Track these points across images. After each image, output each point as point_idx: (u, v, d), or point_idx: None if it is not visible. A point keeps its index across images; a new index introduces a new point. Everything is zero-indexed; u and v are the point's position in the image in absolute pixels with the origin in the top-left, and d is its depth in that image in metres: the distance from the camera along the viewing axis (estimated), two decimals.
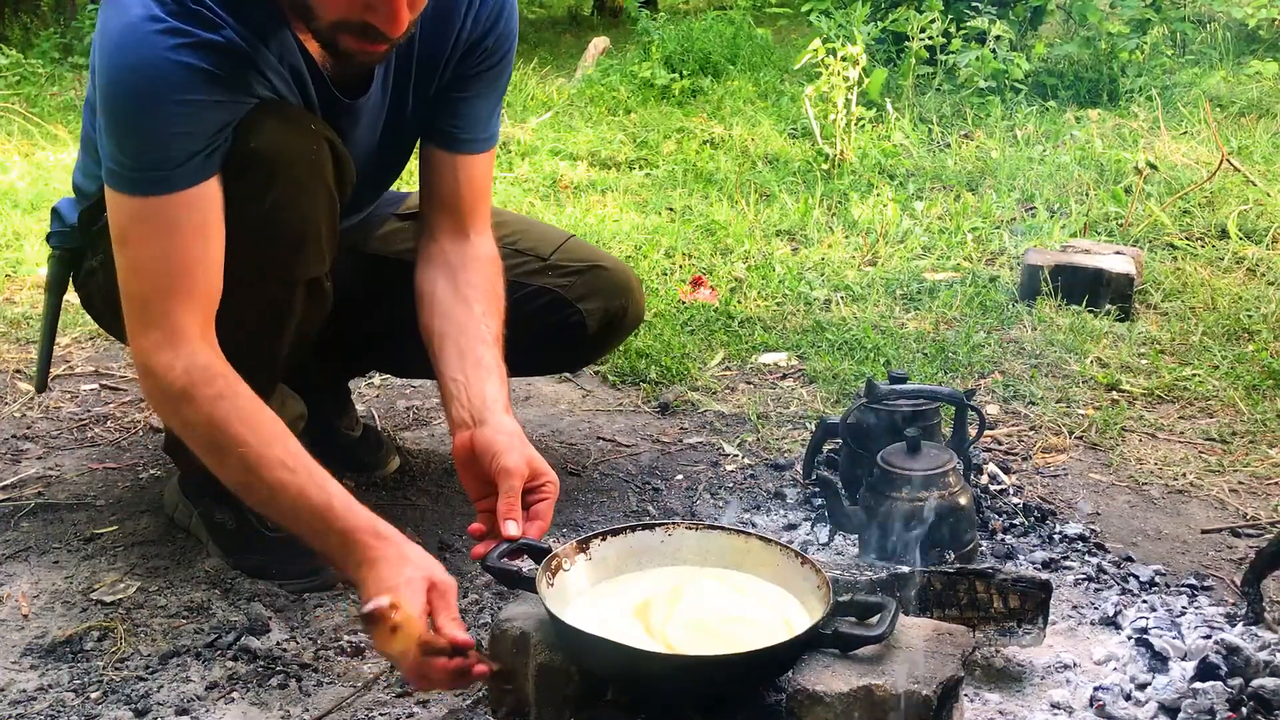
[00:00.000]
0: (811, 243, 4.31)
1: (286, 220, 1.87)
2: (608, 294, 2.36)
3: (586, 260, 2.37)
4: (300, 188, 1.86)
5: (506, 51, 2.09)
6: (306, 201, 1.88)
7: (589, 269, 2.36)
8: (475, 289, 2.06)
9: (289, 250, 1.91)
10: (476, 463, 1.88)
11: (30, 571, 2.15)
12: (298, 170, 1.85)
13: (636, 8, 10.18)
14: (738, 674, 1.61)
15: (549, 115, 6.67)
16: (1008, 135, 5.83)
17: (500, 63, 2.08)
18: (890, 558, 2.02)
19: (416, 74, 2.02)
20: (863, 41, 5.69)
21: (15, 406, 2.90)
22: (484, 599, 2.06)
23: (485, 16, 2.02)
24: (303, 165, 1.85)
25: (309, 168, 1.87)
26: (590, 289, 2.34)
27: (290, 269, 1.93)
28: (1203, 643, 1.82)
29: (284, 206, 1.85)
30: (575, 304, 2.33)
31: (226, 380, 1.76)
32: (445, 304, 2.04)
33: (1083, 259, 3.67)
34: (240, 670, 1.85)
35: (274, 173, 1.82)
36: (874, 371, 3.06)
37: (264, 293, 1.92)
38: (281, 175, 1.83)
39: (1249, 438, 2.78)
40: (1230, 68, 7.18)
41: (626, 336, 2.58)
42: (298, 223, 1.89)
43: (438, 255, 2.09)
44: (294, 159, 1.84)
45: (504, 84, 2.15)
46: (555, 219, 4.57)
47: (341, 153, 1.93)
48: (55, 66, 8.22)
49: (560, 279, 2.33)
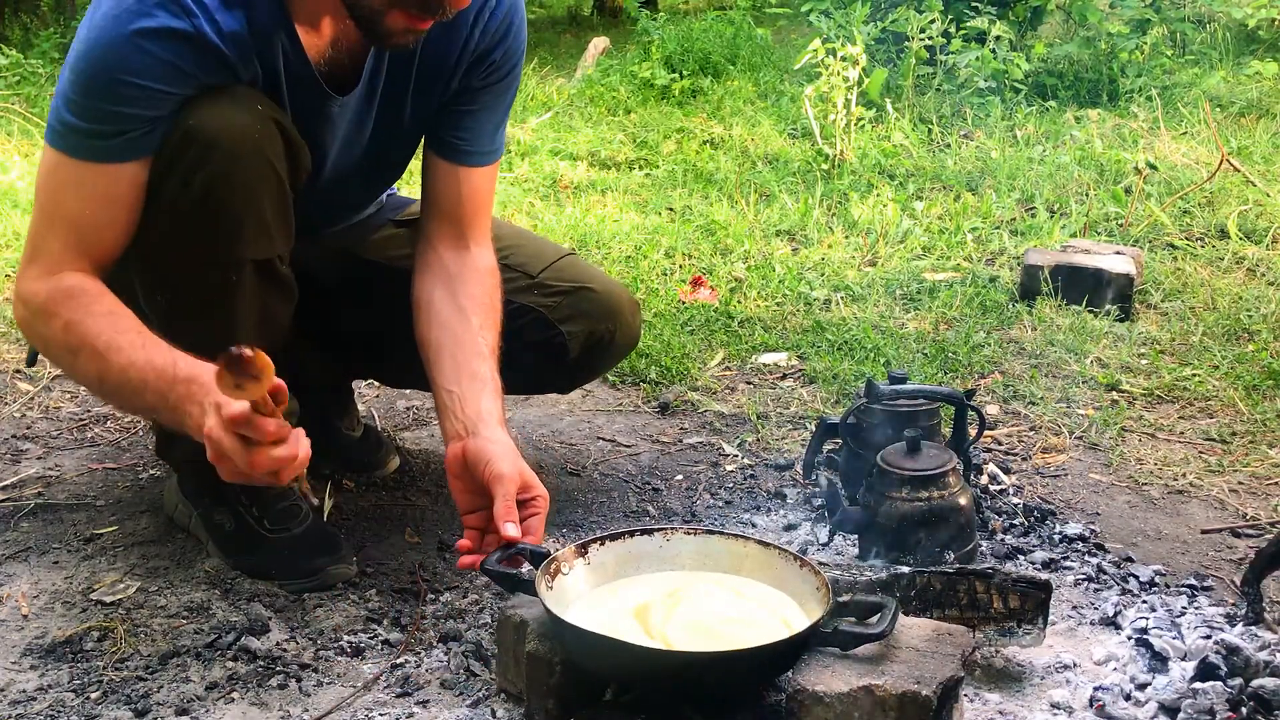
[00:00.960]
0: (811, 243, 4.31)
1: (224, 198, 1.84)
2: (594, 317, 2.29)
3: (575, 281, 2.30)
4: (239, 165, 1.83)
5: (514, 65, 2.08)
6: (246, 178, 1.85)
7: (576, 290, 2.28)
8: (473, 300, 2.05)
9: (229, 228, 1.87)
10: (469, 472, 1.88)
11: (30, 571, 2.15)
12: (238, 147, 1.82)
13: (636, 8, 10.19)
14: (737, 671, 1.61)
15: (549, 115, 6.67)
16: (1008, 135, 5.83)
17: (507, 77, 2.08)
18: (890, 558, 2.02)
19: (416, 80, 2.01)
20: (862, 41, 5.69)
21: (15, 406, 2.90)
22: (484, 599, 2.06)
23: (494, 29, 2.01)
24: (244, 143, 1.82)
25: (251, 145, 1.83)
26: (575, 310, 2.28)
27: (230, 247, 1.88)
28: (1203, 643, 1.82)
29: (222, 183, 1.83)
30: (558, 325, 2.26)
31: (90, 294, 1.81)
32: (443, 315, 2.04)
33: (1083, 259, 3.67)
34: (240, 670, 1.85)
35: (211, 150, 1.80)
36: (874, 371, 3.06)
37: (208, 274, 1.89)
38: (219, 152, 1.81)
39: (1249, 438, 2.78)
40: (1230, 68, 7.18)
41: (616, 361, 2.50)
42: (238, 201, 1.85)
43: (436, 265, 2.09)
44: (235, 137, 1.81)
45: (510, 98, 2.14)
46: (555, 219, 4.58)
47: (293, 137, 1.90)
48: (55, 66, 8.21)
49: (546, 298, 2.27)
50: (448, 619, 2.00)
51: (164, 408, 1.74)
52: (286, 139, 1.89)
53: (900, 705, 1.52)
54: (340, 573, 2.11)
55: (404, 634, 1.96)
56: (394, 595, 2.09)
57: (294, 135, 1.91)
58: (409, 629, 1.98)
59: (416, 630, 1.97)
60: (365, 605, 2.05)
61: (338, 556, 2.13)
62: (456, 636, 1.94)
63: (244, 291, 1.93)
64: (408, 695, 1.80)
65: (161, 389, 1.71)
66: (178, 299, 1.90)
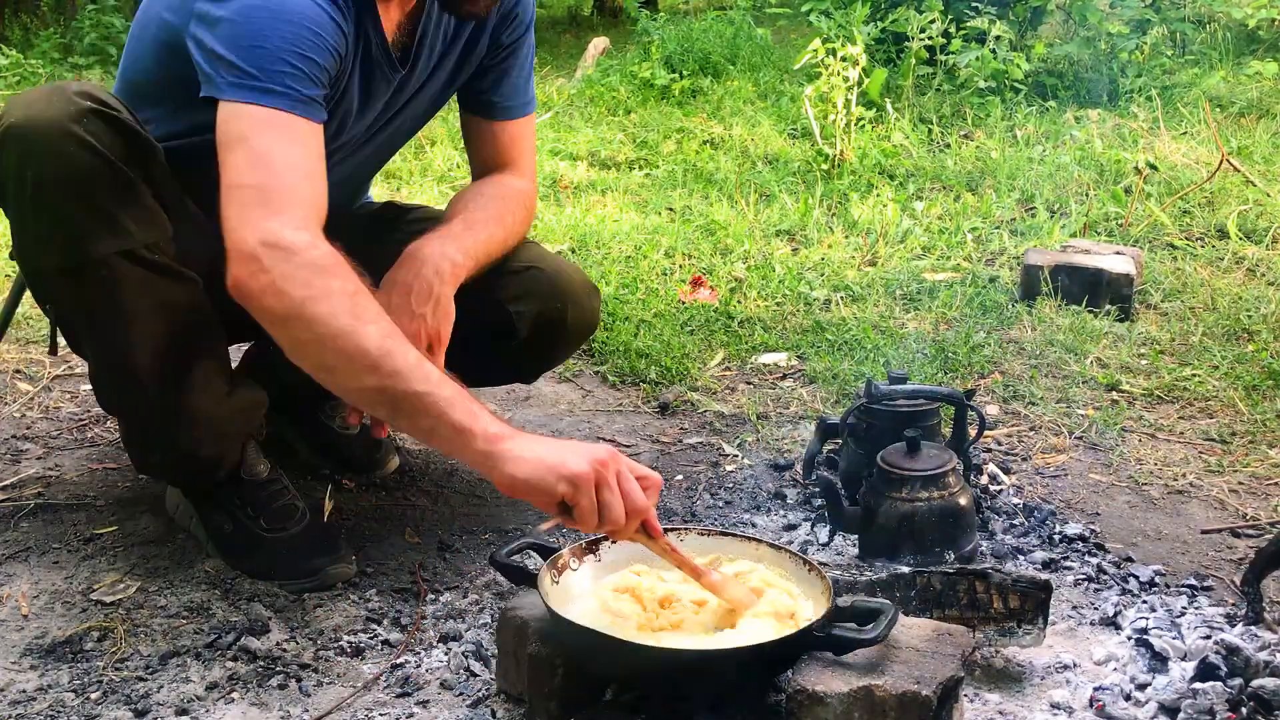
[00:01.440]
0: (811, 243, 4.31)
1: (56, 195, 1.82)
2: (542, 296, 2.24)
3: (526, 261, 2.27)
4: (60, 161, 1.79)
5: (530, 17, 2.21)
6: (69, 172, 1.80)
7: (525, 269, 2.25)
8: (483, 186, 2.22)
9: (75, 223, 1.84)
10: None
11: (30, 571, 2.15)
12: (56, 144, 1.79)
13: (636, 8, 10.18)
14: (729, 669, 1.62)
15: (549, 115, 6.67)
16: (1008, 135, 5.82)
17: (526, 29, 2.21)
18: (890, 558, 2.02)
19: (465, 44, 2.13)
20: (862, 41, 5.69)
21: (15, 406, 2.90)
22: (484, 599, 2.06)
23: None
24: (62, 138, 1.79)
25: (71, 140, 1.79)
26: (524, 290, 2.24)
27: (84, 243, 1.84)
28: (1203, 643, 1.82)
29: (48, 181, 1.81)
30: (506, 304, 2.23)
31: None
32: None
33: (1083, 259, 3.67)
34: (240, 670, 1.85)
35: (28, 150, 1.80)
36: (874, 371, 3.06)
37: (74, 278, 1.87)
38: (36, 151, 1.80)
39: (1249, 438, 2.78)
40: (1230, 68, 7.17)
41: (574, 345, 2.43)
42: (71, 197, 1.82)
43: None
44: (47, 134, 1.79)
45: (532, 48, 2.25)
46: (555, 219, 4.57)
47: (123, 120, 1.85)
48: (55, 67, 8.22)
49: (497, 279, 2.23)
50: (448, 619, 2.00)
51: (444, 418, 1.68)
52: (118, 127, 1.84)
53: (900, 705, 1.52)
54: (339, 572, 2.11)
55: (404, 634, 1.96)
56: (394, 595, 2.09)
57: (125, 118, 1.85)
58: (409, 629, 1.98)
59: (416, 630, 1.97)
60: (365, 605, 2.05)
61: (336, 556, 2.13)
62: (456, 636, 1.94)
63: (121, 288, 1.88)
64: (408, 695, 1.80)
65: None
66: (62, 308, 1.96)
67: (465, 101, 2.26)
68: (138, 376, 1.94)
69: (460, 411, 1.66)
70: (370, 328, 1.67)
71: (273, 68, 1.75)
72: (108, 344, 1.94)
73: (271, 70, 1.75)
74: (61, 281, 1.90)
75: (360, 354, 1.67)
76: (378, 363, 1.66)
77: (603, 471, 1.62)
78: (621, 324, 3.40)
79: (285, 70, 1.76)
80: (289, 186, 1.72)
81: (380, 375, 1.67)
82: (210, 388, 2.02)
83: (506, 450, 1.64)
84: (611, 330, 3.35)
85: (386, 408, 1.72)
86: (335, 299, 1.67)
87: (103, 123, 1.82)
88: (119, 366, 1.96)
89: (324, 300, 1.67)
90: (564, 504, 1.62)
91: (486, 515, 2.40)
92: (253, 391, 2.14)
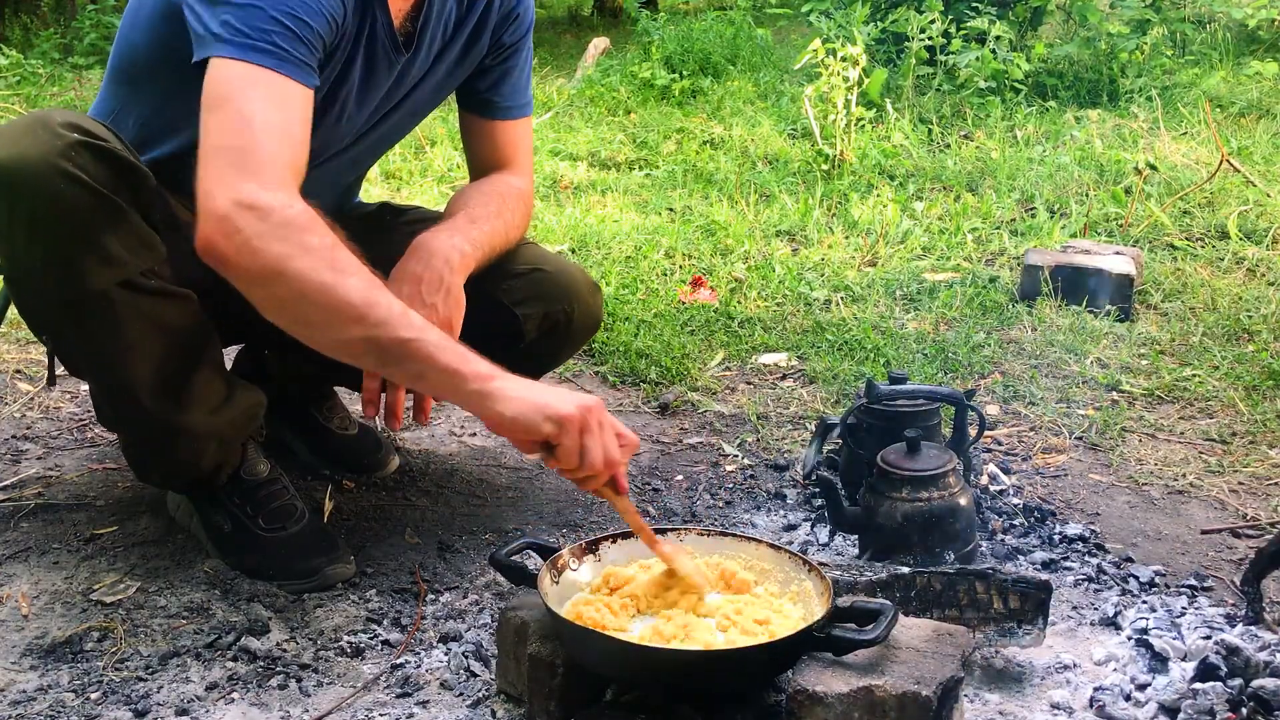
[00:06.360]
0: (811, 243, 4.31)
1: (49, 233, 1.80)
2: (548, 298, 2.26)
3: (530, 263, 2.28)
4: (50, 200, 1.77)
5: (530, 20, 2.24)
6: (60, 211, 1.78)
7: (530, 272, 2.26)
8: (482, 185, 2.24)
9: (70, 259, 1.82)
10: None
11: (30, 571, 2.15)
12: (46, 182, 1.76)
13: (636, 8, 10.19)
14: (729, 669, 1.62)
15: (549, 115, 6.67)
16: (1008, 135, 5.83)
17: (527, 31, 2.24)
18: (890, 558, 2.02)
19: (466, 39, 2.14)
20: (862, 42, 5.69)
21: (15, 406, 2.90)
22: (484, 599, 2.06)
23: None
24: (51, 176, 1.76)
25: (60, 177, 1.76)
26: (530, 292, 2.24)
27: (82, 279, 1.82)
28: (1203, 643, 1.82)
29: (40, 220, 1.79)
30: (512, 308, 2.23)
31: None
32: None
33: (1083, 259, 3.67)
34: (240, 670, 1.85)
35: (17, 190, 1.77)
36: (874, 371, 3.06)
37: (80, 311, 1.86)
38: (26, 191, 1.77)
39: (1249, 438, 2.78)
40: (1230, 68, 7.18)
41: (578, 344, 2.43)
42: (64, 234, 1.80)
43: None
44: (36, 172, 1.76)
45: (530, 49, 2.27)
46: (555, 219, 4.57)
47: (113, 149, 1.82)
48: (55, 67, 8.22)
49: (501, 282, 2.23)
50: (448, 619, 2.00)
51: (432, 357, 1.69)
52: (102, 152, 1.81)
53: (900, 705, 1.52)
54: (338, 572, 2.11)
55: (404, 634, 1.96)
56: (394, 595, 2.09)
57: (112, 146, 1.82)
58: (409, 629, 1.98)
59: (416, 630, 1.97)
60: (365, 605, 2.05)
61: (335, 556, 2.13)
62: (456, 637, 1.94)
63: (119, 315, 1.87)
64: (408, 695, 1.80)
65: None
66: (60, 339, 1.96)
67: (465, 101, 2.27)
68: (137, 397, 1.94)
69: (449, 354, 1.68)
70: (352, 279, 1.67)
71: (263, 25, 1.74)
72: (107, 369, 1.94)
73: (262, 28, 1.74)
74: (59, 315, 1.89)
75: (345, 306, 1.66)
76: (363, 313, 1.66)
77: (588, 417, 1.66)
78: (621, 324, 3.40)
79: (275, 29, 1.75)
80: (267, 149, 1.70)
81: (366, 325, 1.66)
82: (209, 398, 2.02)
83: (497, 389, 1.67)
84: (612, 330, 3.35)
85: (374, 357, 1.72)
86: (314, 254, 1.66)
87: (90, 154, 1.79)
88: (118, 389, 1.97)
89: (303, 256, 1.64)
90: (547, 444, 1.66)
91: (486, 515, 2.40)
92: (251, 393, 2.14)
